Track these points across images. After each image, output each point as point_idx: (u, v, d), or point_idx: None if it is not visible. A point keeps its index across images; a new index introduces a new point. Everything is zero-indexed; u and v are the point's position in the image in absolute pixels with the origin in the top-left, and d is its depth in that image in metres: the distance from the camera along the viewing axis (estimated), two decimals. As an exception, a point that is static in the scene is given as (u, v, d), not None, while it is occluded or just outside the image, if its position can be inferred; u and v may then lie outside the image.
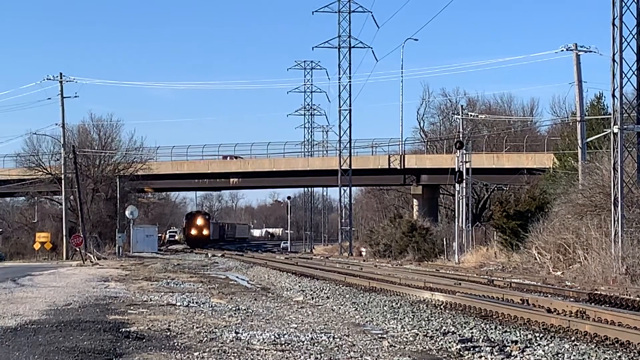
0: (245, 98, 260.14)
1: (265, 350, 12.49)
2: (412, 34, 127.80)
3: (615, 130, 29.65)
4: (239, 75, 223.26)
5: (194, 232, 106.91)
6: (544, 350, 12.99)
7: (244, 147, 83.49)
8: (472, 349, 13.15)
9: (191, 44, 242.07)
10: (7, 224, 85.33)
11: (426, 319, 17.44)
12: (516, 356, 12.69)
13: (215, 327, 15.11)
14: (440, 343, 13.85)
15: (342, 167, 77.37)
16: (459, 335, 14.76)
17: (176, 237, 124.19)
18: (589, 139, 41.47)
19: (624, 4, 29.74)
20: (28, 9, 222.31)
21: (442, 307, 20.09)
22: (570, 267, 33.00)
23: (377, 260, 57.22)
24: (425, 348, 13.33)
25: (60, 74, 64.49)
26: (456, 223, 52.13)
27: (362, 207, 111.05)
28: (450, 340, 14.02)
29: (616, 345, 13.66)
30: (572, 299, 21.79)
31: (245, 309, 19.00)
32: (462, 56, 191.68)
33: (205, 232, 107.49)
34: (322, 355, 12.14)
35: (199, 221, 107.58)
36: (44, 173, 72.04)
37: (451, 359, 12.52)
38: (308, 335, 14.10)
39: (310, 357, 11.93)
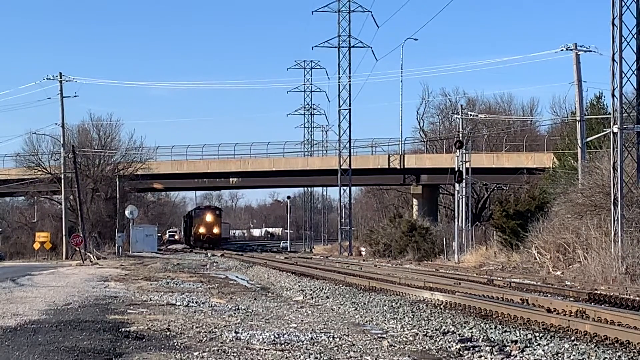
0: (245, 98, 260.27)
1: (265, 350, 12.49)
2: (412, 34, 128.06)
3: (615, 130, 29.64)
4: (239, 75, 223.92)
5: (202, 230, 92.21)
6: (543, 350, 12.98)
7: (244, 146, 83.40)
8: (471, 348, 13.15)
9: (191, 44, 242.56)
10: (7, 223, 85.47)
11: (426, 318, 17.42)
12: (516, 356, 12.67)
13: (215, 327, 15.10)
14: (440, 343, 13.84)
15: (342, 167, 77.32)
16: (459, 334, 14.75)
17: (176, 237, 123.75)
18: (588, 139, 41.46)
19: (623, 4, 29.73)
20: (28, 8, 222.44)
21: (441, 306, 20.08)
22: (570, 266, 32.99)
23: (377, 259, 57.19)
24: (425, 348, 13.32)
25: (60, 73, 64.49)
26: (456, 223, 52.13)
27: (361, 207, 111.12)
28: (450, 340, 14.01)
29: (616, 345, 13.65)
30: (572, 299, 21.79)
31: (245, 309, 18.99)
32: (462, 56, 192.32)
33: (216, 230, 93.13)
34: (322, 355, 12.13)
35: (209, 217, 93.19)
36: (44, 173, 72.08)
37: (451, 358, 12.50)
38: (308, 335, 14.09)
39: (310, 357, 11.92)
